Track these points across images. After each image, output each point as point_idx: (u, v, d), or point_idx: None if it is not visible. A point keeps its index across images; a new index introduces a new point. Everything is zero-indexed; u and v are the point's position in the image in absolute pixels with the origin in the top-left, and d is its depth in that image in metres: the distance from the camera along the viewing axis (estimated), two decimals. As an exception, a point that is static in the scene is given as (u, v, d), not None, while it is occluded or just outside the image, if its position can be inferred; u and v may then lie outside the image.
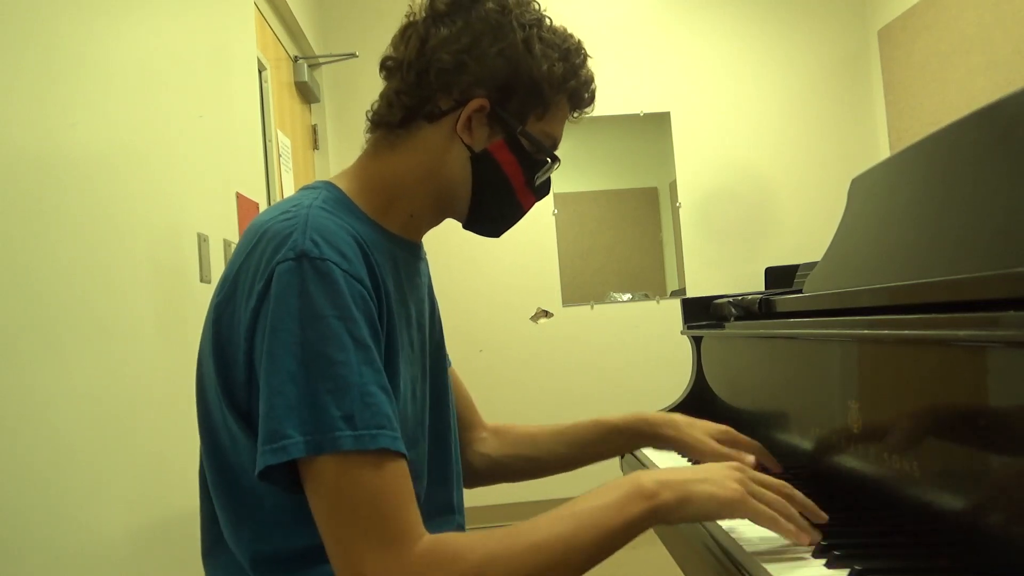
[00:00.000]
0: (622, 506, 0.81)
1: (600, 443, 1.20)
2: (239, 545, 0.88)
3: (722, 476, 0.85)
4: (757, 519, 0.83)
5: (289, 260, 0.80)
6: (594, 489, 0.83)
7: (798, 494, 0.87)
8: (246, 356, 0.82)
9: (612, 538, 0.80)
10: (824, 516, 0.86)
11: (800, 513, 0.85)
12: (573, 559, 0.78)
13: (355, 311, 0.80)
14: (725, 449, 1.14)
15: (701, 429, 1.16)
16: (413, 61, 0.94)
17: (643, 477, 0.84)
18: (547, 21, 0.98)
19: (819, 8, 4.22)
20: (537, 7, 0.98)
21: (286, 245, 0.81)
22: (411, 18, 0.96)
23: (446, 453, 1.05)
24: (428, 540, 0.77)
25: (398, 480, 0.77)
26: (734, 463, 0.91)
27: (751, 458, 1.12)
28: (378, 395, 0.78)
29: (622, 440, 1.20)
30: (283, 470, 0.76)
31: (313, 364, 0.76)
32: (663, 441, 1.18)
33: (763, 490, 0.85)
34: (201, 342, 0.91)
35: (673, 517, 0.83)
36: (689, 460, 1.26)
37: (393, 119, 0.96)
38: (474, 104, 0.93)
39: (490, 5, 0.94)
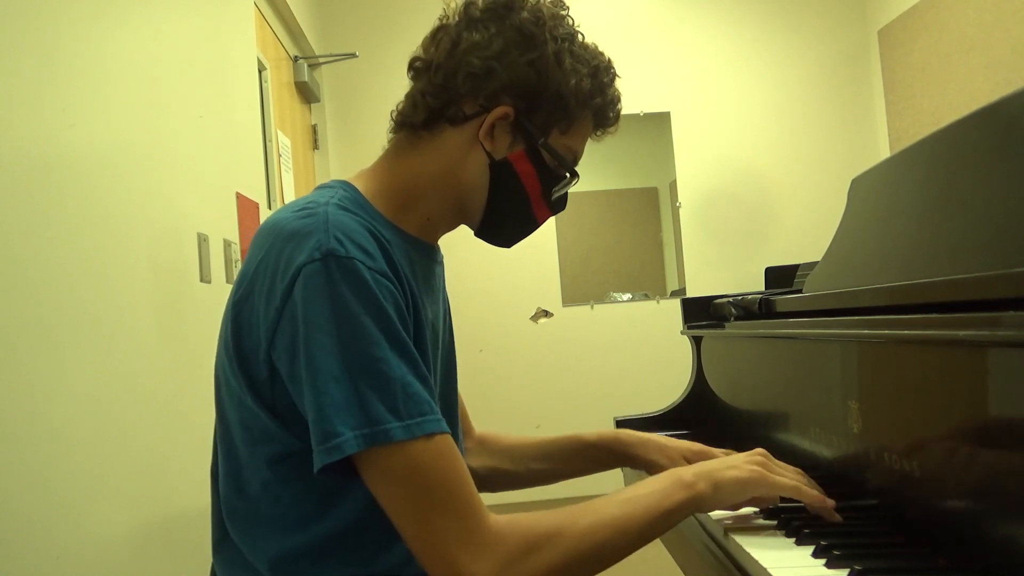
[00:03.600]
0: (667, 494, 0.87)
1: (576, 459, 1.21)
2: (252, 544, 0.88)
3: (743, 461, 0.93)
4: (781, 491, 0.90)
5: (316, 261, 0.80)
6: (638, 483, 0.91)
7: (811, 481, 0.95)
8: (266, 355, 0.83)
9: (657, 523, 0.86)
10: (837, 517, 0.91)
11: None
12: (624, 539, 0.84)
13: (385, 305, 0.80)
14: None
15: (674, 450, 1.13)
16: (442, 63, 0.94)
17: (681, 471, 0.91)
18: (580, 37, 0.97)
19: (819, 8, 4.22)
20: (571, 22, 0.97)
21: (310, 245, 0.81)
22: (444, 21, 0.96)
23: None
24: (496, 516, 0.81)
25: (455, 456, 0.80)
26: (756, 451, 0.96)
27: None
28: (416, 384, 0.80)
29: (597, 456, 1.19)
30: (337, 464, 0.78)
31: (353, 363, 0.78)
32: (634, 461, 1.16)
33: (781, 469, 0.93)
34: (219, 344, 0.91)
35: (708, 504, 0.90)
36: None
37: (416, 120, 0.96)
38: (499, 111, 0.93)
39: (525, 15, 0.93)
